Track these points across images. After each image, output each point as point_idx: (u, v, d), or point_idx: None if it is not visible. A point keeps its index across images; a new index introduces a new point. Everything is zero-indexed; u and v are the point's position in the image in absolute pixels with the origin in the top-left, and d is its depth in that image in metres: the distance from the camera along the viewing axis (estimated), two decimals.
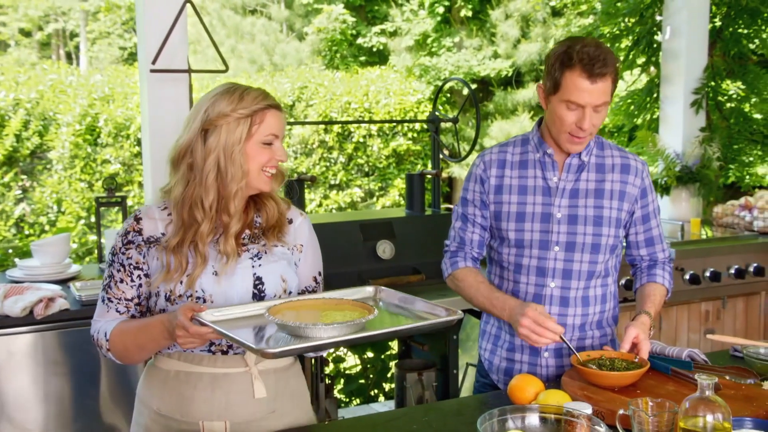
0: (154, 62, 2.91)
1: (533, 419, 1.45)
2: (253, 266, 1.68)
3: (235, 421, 1.64)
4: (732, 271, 3.50)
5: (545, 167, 1.96)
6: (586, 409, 1.51)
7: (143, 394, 1.72)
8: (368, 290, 1.80)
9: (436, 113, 3.53)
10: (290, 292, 1.71)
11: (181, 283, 1.62)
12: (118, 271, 1.67)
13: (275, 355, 1.40)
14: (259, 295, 1.67)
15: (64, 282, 2.79)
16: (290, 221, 1.80)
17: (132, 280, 1.66)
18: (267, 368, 1.69)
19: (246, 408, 1.65)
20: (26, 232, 6.55)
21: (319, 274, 1.84)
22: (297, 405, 1.76)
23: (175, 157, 1.68)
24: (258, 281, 1.68)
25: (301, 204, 3.09)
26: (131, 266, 1.66)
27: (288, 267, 1.73)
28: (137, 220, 1.68)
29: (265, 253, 1.71)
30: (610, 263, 2.00)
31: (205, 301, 1.62)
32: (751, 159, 4.20)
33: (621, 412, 1.49)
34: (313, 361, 2.89)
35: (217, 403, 1.64)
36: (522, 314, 1.78)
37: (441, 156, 3.53)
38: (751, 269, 3.53)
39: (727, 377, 1.78)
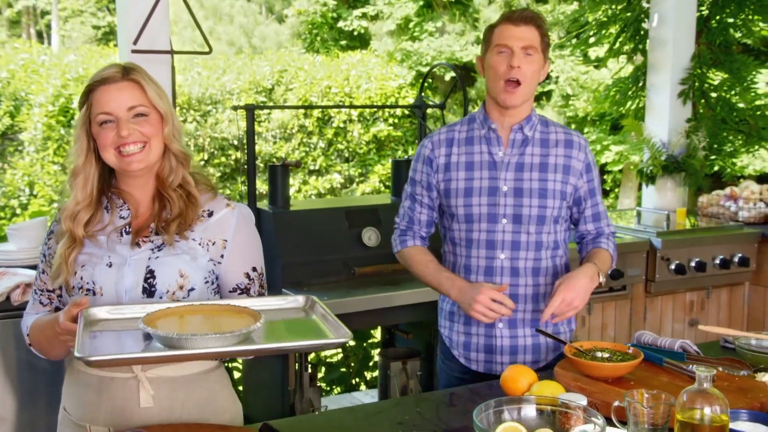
0: (135, 43, 2.82)
1: (529, 411, 1.43)
2: (149, 258, 1.59)
3: (119, 429, 1.53)
4: (717, 261, 3.52)
5: (491, 142, 2.02)
6: (582, 400, 1.49)
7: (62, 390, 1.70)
8: (299, 300, 1.67)
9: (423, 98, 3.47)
10: (192, 289, 1.60)
11: (75, 273, 1.58)
12: (41, 262, 1.68)
13: (98, 363, 1.36)
14: (149, 290, 1.58)
15: None
16: (210, 213, 1.65)
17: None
18: (159, 375, 1.57)
19: (132, 416, 1.55)
20: None
21: (254, 269, 1.69)
22: (209, 417, 1.61)
23: None
24: (149, 275, 1.58)
25: (284, 189, 3.02)
26: (50, 257, 1.64)
27: (191, 262, 1.60)
28: (60, 210, 1.66)
29: (169, 245, 1.60)
30: (559, 236, 2.06)
31: (95, 294, 1.57)
32: (734, 149, 4.20)
33: (616, 403, 1.47)
34: None
35: (103, 408, 1.56)
36: (474, 298, 1.89)
37: None
38: (736, 260, 3.55)
39: (721, 368, 1.77)
